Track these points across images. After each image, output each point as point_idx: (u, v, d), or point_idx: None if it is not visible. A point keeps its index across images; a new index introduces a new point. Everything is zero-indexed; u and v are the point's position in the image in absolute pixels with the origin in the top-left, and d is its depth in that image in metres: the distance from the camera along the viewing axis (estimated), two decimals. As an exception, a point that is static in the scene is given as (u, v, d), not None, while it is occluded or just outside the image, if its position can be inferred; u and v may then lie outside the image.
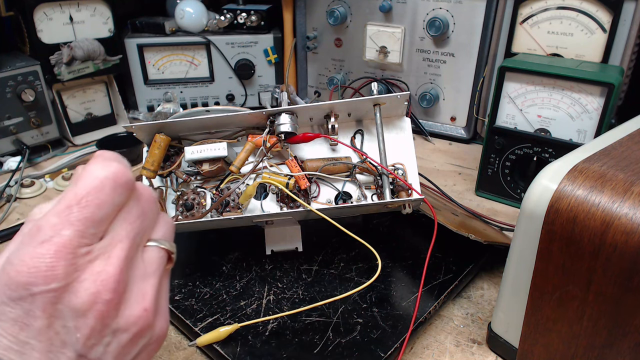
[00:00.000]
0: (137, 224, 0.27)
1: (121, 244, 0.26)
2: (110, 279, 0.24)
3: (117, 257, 0.25)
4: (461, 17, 0.89)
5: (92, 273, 0.24)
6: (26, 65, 0.85)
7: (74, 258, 0.24)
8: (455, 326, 0.53)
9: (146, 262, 0.27)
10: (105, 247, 0.25)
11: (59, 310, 0.23)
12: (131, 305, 0.26)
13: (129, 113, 1.07)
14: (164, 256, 0.29)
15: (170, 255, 0.29)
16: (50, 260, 0.23)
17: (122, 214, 0.26)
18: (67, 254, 0.23)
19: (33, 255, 0.23)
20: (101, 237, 0.25)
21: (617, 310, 0.36)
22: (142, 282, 0.27)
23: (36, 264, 0.23)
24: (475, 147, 0.95)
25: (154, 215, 0.29)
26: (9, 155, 0.87)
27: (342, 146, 0.56)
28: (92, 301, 0.24)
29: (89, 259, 0.24)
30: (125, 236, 0.26)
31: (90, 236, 0.24)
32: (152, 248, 0.28)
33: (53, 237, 0.23)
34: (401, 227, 0.65)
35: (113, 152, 0.27)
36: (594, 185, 0.37)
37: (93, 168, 0.26)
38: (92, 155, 0.27)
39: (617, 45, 0.75)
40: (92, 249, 0.24)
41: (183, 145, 0.55)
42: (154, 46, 1.03)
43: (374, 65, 1.02)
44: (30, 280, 0.22)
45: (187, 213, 0.54)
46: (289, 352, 0.47)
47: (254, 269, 0.58)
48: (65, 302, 0.23)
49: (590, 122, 0.66)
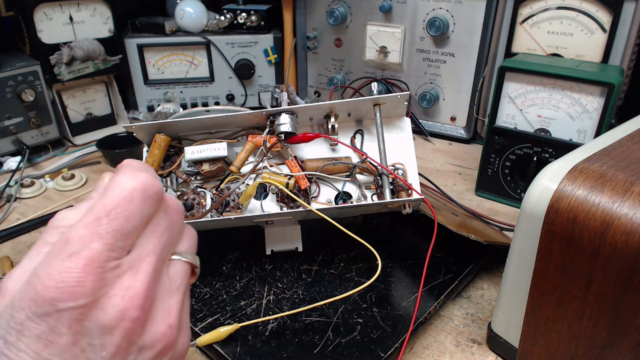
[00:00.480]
0: (164, 237, 0.26)
1: (149, 258, 0.25)
2: (138, 295, 0.24)
3: (145, 272, 0.24)
4: (461, 17, 0.89)
5: (120, 289, 0.23)
6: (26, 65, 0.85)
7: (103, 272, 0.23)
8: (455, 326, 0.53)
9: (171, 276, 0.27)
10: (133, 261, 0.24)
11: (86, 327, 0.22)
12: (157, 322, 0.25)
13: (129, 113, 1.07)
14: (188, 270, 0.28)
15: (193, 269, 0.29)
16: (78, 274, 0.22)
17: (150, 227, 0.26)
18: (96, 268, 0.23)
19: (61, 269, 0.22)
20: (129, 250, 0.25)
21: (617, 310, 0.36)
22: (167, 298, 0.26)
23: (64, 279, 0.22)
24: (475, 147, 0.95)
25: (180, 227, 0.28)
26: (9, 155, 0.87)
27: (342, 146, 0.56)
28: (119, 318, 0.23)
29: (117, 273, 0.24)
30: (153, 250, 0.25)
31: (119, 249, 0.24)
32: (176, 262, 0.28)
33: (82, 250, 0.22)
34: (401, 227, 0.65)
35: (140, 161, 0.27)
36: (594, 185, 0.37)
37: (122, 179, 0.25)
38: (120, 165, 0.26)
39: (617, 45, 0.75)
40: (120, 263, 0.24)
41: (183, 145, 0.55)
42: (154, 46, 1.03)
43: (374, 65, 1.02)
44: (57, 296, 0.22)
45: (187, 213, 0.54)
46: (289, 352, 0.47)
47: (254, 269, 0.58)
48: (93, 319, 0.23)
49: (590, 122, 0.66)
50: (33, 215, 0.73)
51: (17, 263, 0.67)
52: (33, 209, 0.75)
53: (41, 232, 0.70)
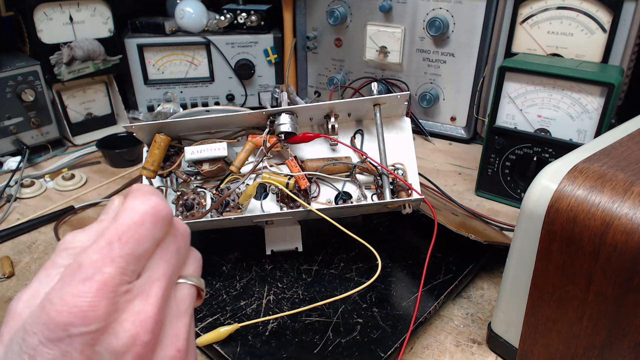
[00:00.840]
0: (173, 261, 0.27)
1: (159, 282, 0.25)
2: (149, 320, 0.24)
3: (155, 296, 0.25)
4: (461, 17, 0.89)
5: (131, 313, 0.24)
6: (26, 65, 0.85)
7: (115, 297, 0.23)
8: (455, 326, 0.53)
9: (178, 300, 0.27)
10: (143, 285, 0.25)
11: (97, 352, 0.23)
12: (166, 346, 0.25)
13: (129, 113, 1.07)
14: (194, 293, 0.29)
15: (199, 292, 0.29)
16: (92, 299, 0.22)
17: (159, 251, 0.26)
18: (108, 292, 0.23)
19: (75, 293, 0.22)
20: (139, 274, 0.25)
21: (617, 310, 0.36)
22: (175, 322, 0.26)
23: (78, 303, 0.22)
24: (475, 147, 0.95)
25: (186, 251, 0.29)
26: (9, 155, 0.87)
27: (342, 146, 0.56)
28: (130, 343, 0.23)
29: (129, 297, 0.24)
30: (163, 274, 0.26)
31: (131, 273, 0.24)
32: (183, 285, 0.28)
33: (95, 274, 0.23)
34: (401, 227, 0.65)
35: (150, 186, 0.27)
36: (594, 185, 0.37)
37: (133, 203, 0.25)
38: (130, 189, 0.26)
39: (617, 45, 0.75)
40: (131, 287, 0.24)
41: (183, 145, 0.55)
42: (154, 46, 1.03)
43: (374, 65, 1.02)
44: (70, 321, 0.22)
45: (187, 213, 0.54)
46: (289, 352, 0.47)
47: (254, 269, 0.58)
48: (104, 344, 0.23)
49: (590, 122, 0.66)
50: (33, 215, 0.73)
51: (17, 263, 0.67)
52: (33, 209, 0.75)
53: (42, 232, 0.70)
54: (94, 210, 0.76)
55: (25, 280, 0.60)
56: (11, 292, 0.58)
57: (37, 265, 0.63)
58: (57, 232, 0.69)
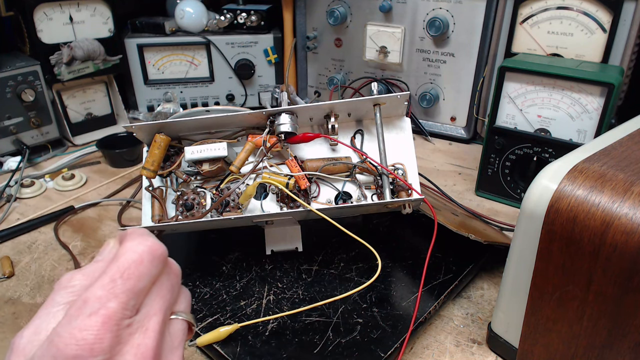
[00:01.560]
0: (167, 297, 0.29)
1: (156, 317, 0.27)
2: (148, 352, 0.25)
3: (154, 330, 0.26)
4: (461, 17, 0.89)
5: (132, 346, 0.25)
6: (26, 65, 0.85)
7: (118, 330, 0.25)
8: (455, 326, 0.53)
9: (172, 334, 0.29)
10: (142, 320, 0.26)
11: None
12: None
13: (129, 113, 1.07)
14: (186, 328, 0.31)
15: (190, 326, 0.31)
16: (97, 331, 0.24)
17: (155, 288, 0.28)
18: (112, 325, 0.24)
19: (82, 327, 0.24)
20: (137, 310, 0.26)
21: (617, 310, 0.36)
22: (170, 355, 0.28)
23: (85, 336, 0.23)
24: (475, 147, 0.95)
25: (179, 288, 0.31)
26: (9, 155, 0.87)
27: (342, 146, 0.56)
28: None
29: (130, 331, 0.25)
30: (159, 309, 0.27)
31: (132, 308, 0.26)
32: (176, 320, 0.30)
33: (100, 309, 0.24)
34: (401, 227, 0.65)
35: (144, 228, 0.30)
36: (594, 185, 0.37)
37: (131, 244, 0.27)
38: (126, 233, 0.29)
39: (617, 45, 0.75)
40: (132, 322, 0.26)
41: (183, 145, 0.55)
42: (154, 46, 1.03)
43: (374, 65, 1.02)
44: (78, 353, 0.23)
45: (187, 213, 0.54)
46: (289, 352, 0.47)
47: (254, 269, 0.58)
48: None
49: (590, 122, 0.66)
50: (33, 215, 0.73)
51: (17, 263, 0.67)
52: (33, 209, 0.75)
53: (41, 232, 0.70)
54: (93, 210, 0.76)
55: (25, 280, 0.60)
56: (11, 292, 0.58)
57: (37, 265, 0.63)
58: (57, 232, 0.69)
